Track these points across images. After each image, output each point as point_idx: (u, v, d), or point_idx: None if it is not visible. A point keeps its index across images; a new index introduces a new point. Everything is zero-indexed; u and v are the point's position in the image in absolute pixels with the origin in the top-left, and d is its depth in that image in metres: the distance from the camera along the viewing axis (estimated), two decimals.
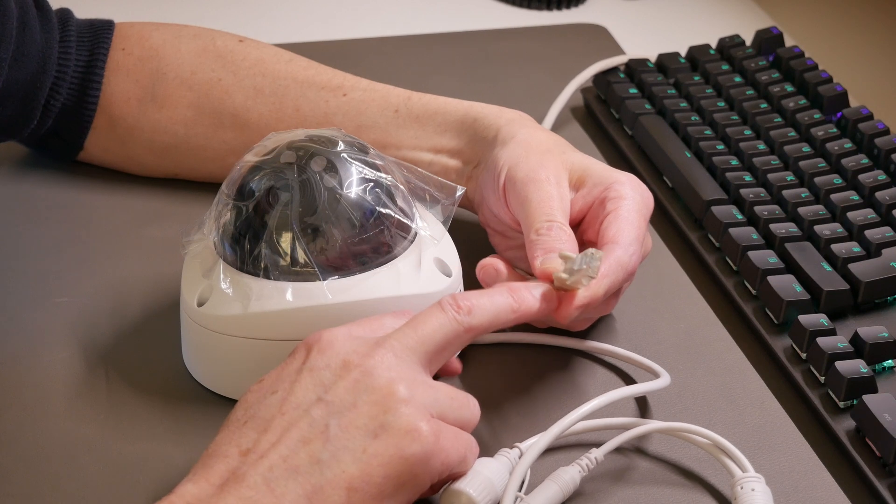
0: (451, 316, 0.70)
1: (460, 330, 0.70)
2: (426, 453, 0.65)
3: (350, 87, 0.94)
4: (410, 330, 0.69)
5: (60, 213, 0.95)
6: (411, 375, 0.67)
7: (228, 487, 0.63)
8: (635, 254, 0.78)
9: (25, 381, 0.80)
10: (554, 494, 0.71)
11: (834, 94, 1.00)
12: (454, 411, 0.68)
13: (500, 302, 0.72)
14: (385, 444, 0.65)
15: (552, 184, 0.81)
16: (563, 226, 0.78)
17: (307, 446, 0.64)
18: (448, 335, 0.69)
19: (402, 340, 0.68)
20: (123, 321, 0.85)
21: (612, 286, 0.77)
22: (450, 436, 0.67)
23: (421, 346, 0.69)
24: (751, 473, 0.71)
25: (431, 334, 0.69)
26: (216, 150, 0.96)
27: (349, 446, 0.64)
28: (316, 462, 0.64)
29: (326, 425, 0.65)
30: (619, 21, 1.26)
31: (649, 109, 1.04)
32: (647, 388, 0.77)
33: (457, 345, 0.71)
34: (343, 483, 0.64)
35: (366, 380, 0.66)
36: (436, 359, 0.70)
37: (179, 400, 0.79)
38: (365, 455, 0.64)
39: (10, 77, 0.91)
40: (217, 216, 0.78)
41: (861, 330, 0.80)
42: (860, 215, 0.89)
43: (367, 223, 0.76)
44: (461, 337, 0.70)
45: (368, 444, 0.65)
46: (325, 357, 0.67)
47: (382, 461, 0.64)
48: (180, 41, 0.97)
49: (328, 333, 0.69)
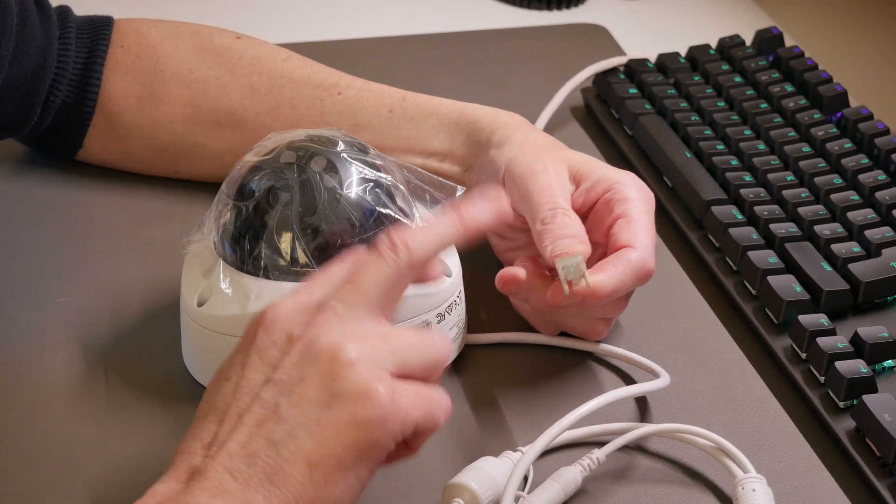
0: (388, 257, 0.67)
1: (401, 270, 0.67)
2: (381, 416, 0.63)
3: (345, 86, 0.94)
4: (349, 286, 0.66)
5: (60, 213, 0.95)
6: (358, 332, 0.65)
7: (194, 482, 0.62)
8: (652, 256, 0.78)
9: (25, 381, 0.80)
10: (555, 494, 0.71)
11: (834, 94, 1.00)
12: (416, 355, 0.66)
13: (440, 224, 0.69)
14: (338, 413, 0.63)
15: (550, 173, 0.81)
16: (567, 211, 0.79)
17: (262, 429, 0.63)
18: (389, 279, 0.66)
19: (343, 299, 0.66)
20: (123, 321, 0.85)
21: (618, 287, 0.77)
22: (408, 392, 0.64)
23: (364, 300, 0.66)
24: (752, 474, 0.71)
25: (372, 284, 0.66)
26: (213, 149, 0.96)
27: (303, 421, 0.63)
28: (272, 444, 0.63)
29: (277, 405, 0.63)
30: (619, 21, 1.26)
31: (649, 109, 1.04)
32: (646, 388, 0.77)
33: (404, 282, 0.68)
34: (302, 459, 0.62)
35: (310, 351, 0.64)
36: (386, 304, 0.67)
37: (179, 400, 0.79)
38: (319, 427, 0.63)
39: (10, 74, 0.91)
40: (217, 216, 0.78)
41: (861, 330, 0.80)
42: (860, 215, 0.89)
43: (367, 223, 0.76)
44: (406, 275, 0.67)
45: (321, 415, 0.63)
46: (270, 335, 0.65)
47: (338, 430, 0.62)
48: (178, 39, 0.97)
49: (272, 309, 0.66)
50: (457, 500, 0.70)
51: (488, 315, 0.86)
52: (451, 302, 0.79)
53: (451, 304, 0.79)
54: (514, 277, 0.79)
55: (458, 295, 0.80)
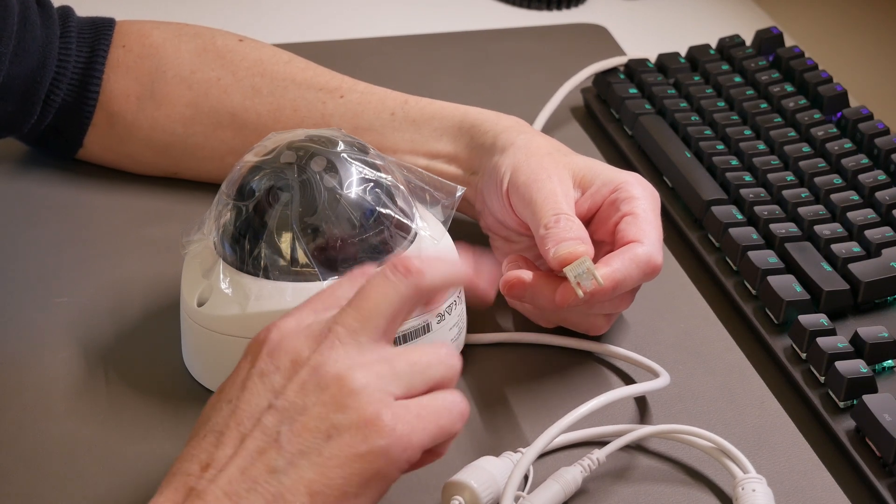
0: (393, 281, 0.66)
1: (409, 295, 0.66)
2: (383, 447, 0.62)
3: (347, 89, 0.94)
4: (353, 310, 0.65)
5: (60, 213, 0.95)
6: (361, 360, 0.64)
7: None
8: (660, 251, 0.79)
9: (25, 381, 0.80)
10: (555, 494, 0.71)
11: (834, 94, 1.00)
12: (423, 374, 0.65)
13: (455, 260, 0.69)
14: (339, 445, 0.62)
15: (554, 181, 0.81)
16: (571, 216, 0.79)
17: (262, 456, 0.62)
18: (395, 303, 0.65)
19: (347, 323, 0.65)
20: (123, 321, 0.85)
21: (624, 280, 0.77)
22: (411, 418, 0.63)
23: (368, 324, 0.65)
24: (752, 474, 0.71)
25: (375, 307, 0.65)
26: (214, 150, 0.96)
27: (304, 451, 0.62)
28: (272, 472, 0.62)
29: (278, 433, 0.63)
30: (619, 21, 1.26)
31: (649, 109, 1.04)
32: (646, 388, 0.77)
33: (411, 308, 0.67)
34: (304, 488, 0.62)
35: (314, 378, 0.63)
36: (390, 327, 0.66)
37: (179, 400, 0.79)
38: (321, 458, 0.62)
39: (11, 72, 0.91)
40: (217, 216, 0.78)
41: (861, 330, 0.80)
42: (860, 215, 0.89)
43: (367, 223, 0.76)
44: (413, 301, 0.66)
45: (322, 446, 0.62)
46: (274, 359, 0.65)
47: (339, 462, 0.62)
48: (180, 40, 0.97)
49: (277, 329, 0.66)
50: (457, 498, 0.70)
51: (488, 315, 0.86)
52: (451, 302, 0.79)
53: (451, 304, 0.79)
54: (520, 280, 0.79)
55: (458, 295, 0.80)
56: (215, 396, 0.66)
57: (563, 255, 0.76)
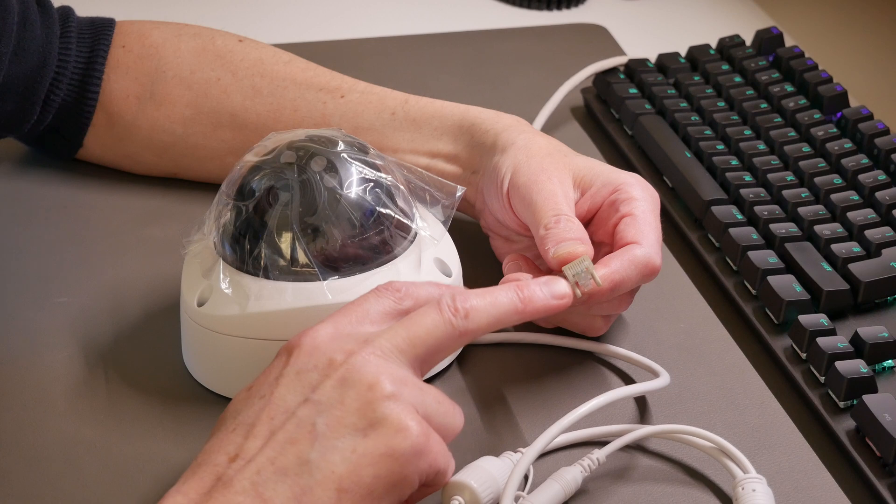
0: (447, 318, 0.68)
1: (455, 334, 0.68)
2: (416, 451, 0.64)
3: (348, 89, 0.94)
4: (402, 329, 0.67)
5: (60, 213, 0.95)
6: (398, 374, 0.65)
7: (216, 493, 0.62)
8: (659, 253, 0.79)
9: (25, 381, 0.80)
10: (555, 494, 0.71)
11: (834, 94, 1.00)
12: (440, 416, 0.67)
13: (502, 303, 0.70)
14: (374, 443, 0.63)
15: (555, 182, 0.81)
16: (571, 217, 0.79)
17: (294, 447, 0.63)
18: (441, 339, 0.68)
19: (392, 340, 0.66)
20: (123, 321, 0.85)
21: (622, 282, 0.77)
22: (437, 438, 0.65)
23: (411, 348, 0.67)
24: (752, 474, 0.71)
25: (423, 336, 0.67)
26: (214, 150, 0.96)
27: (338, 445, 0.63)
28: (304, 462, 0.63)
29: (313, 424, 0.63)
30: (619, 21, 1.26)
31: (649, 109, 1.04)
32: (646, 388, 0.77)
33: (452, 347, 0.69)
34: (332, 484, 0.62)
35: (352, 376, 0.64)
36: (427, 360, 0.68)
37: (179, 400, 0.79)
38: (354, 455, 0.63)
39: (10, 72, 0.91)
40: (217, 216, 0.78)
41: (861, 330, 0.80)
42: (860, 215, 0.89)
43: (367, 223, 0.76)
44: (456, 340, 0.68)
45: (357, 442, 0.63)
46: (311, 358, 0.66)
47: (372, 460, 0.63)
48: (180, 40, 0.97)
49: (310, 335, 0.67)
50: (456, 497, 0.70)
51: None
52: None
53: None
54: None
55: None
56: (244, 392, 0.67)
57: (563, 255, 0.76)
